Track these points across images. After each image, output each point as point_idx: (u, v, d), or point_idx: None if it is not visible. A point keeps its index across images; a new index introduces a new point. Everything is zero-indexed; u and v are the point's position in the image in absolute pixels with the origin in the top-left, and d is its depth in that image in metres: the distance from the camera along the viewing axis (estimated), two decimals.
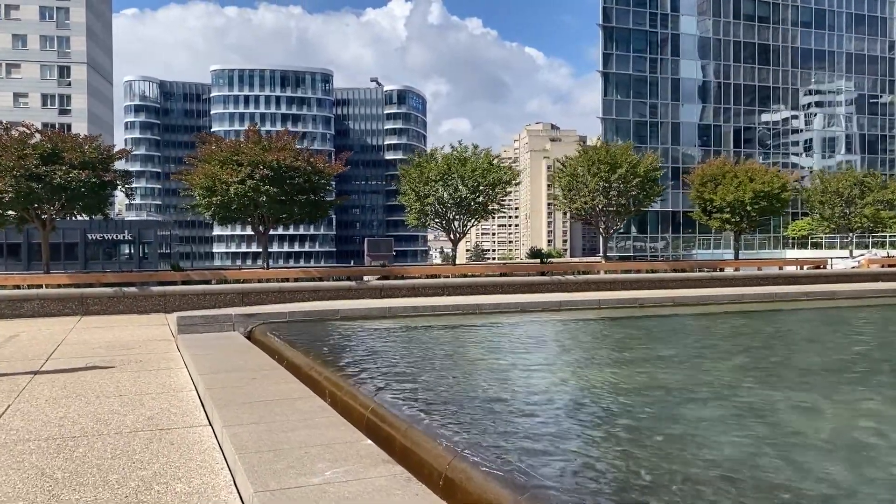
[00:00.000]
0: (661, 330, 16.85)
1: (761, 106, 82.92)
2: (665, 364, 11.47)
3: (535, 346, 14.05)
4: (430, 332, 15.95)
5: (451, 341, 15.06)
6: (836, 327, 18.05)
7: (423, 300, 22.31)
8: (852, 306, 22.11)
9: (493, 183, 27.81)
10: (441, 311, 18.75)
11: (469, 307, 19.03)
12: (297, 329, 16.40)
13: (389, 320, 17.65)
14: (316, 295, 25.56)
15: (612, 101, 75.89)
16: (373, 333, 15.72)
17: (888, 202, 39.31)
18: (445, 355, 12.83)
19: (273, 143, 26.01)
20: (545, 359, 12.34)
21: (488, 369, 11.13)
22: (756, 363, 11.74)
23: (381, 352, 13.29)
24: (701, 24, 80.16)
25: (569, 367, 11.48)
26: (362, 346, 14.19)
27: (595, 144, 31.21)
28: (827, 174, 42.37)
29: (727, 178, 32.84)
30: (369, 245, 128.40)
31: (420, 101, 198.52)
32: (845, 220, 40.13)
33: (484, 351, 13.50)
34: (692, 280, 29.85)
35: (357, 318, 17.81)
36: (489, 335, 15.84)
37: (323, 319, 17.64)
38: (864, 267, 34.61)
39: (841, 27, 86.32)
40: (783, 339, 15.18)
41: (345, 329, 16.12)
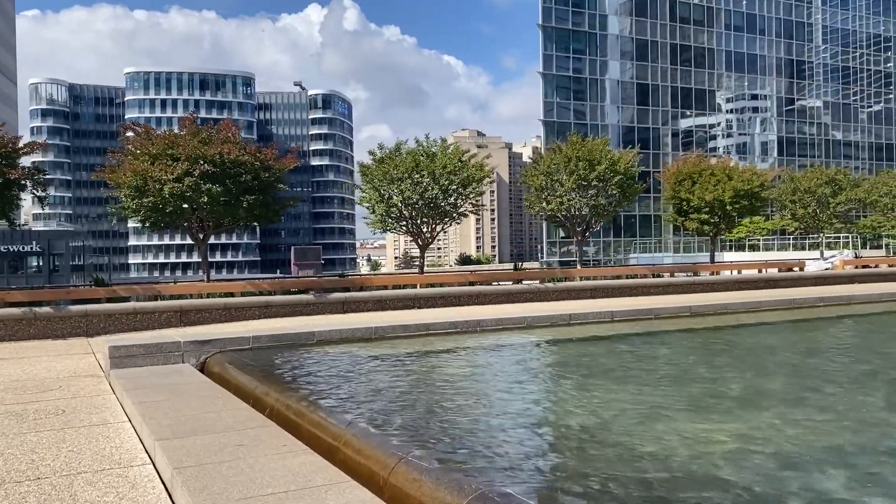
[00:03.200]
0: (731, 348, 14.00)
1: (687, 108, 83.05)
2: (823, 405, 8.62)
3: (620, 388, 10.18)
4: (451, 363, 12.72)
5: (495, 381, 11.82)
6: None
7: (403, 315, 19.10)
8: (889, 311, 20.16)
9: (465, 182, 24.83)
10: (437, 329, 15.58)
11: (469, 324, 15.93)
12: (266, 359, 12.96)
13: (379, 344, 14.37)
14: (268, 311, 22.04)
15: (552, 102, 74.20)
16: (372, 366, 12.43)
17: (860, 201, 38.51)
18: (528, 418, 8.66)
19: (215, 134, 22.28)
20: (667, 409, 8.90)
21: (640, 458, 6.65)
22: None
23: (407, 397, 10.02)
24: (639, 25, 79.61)
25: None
26: (371, 385, 10.88)
27: (572, 139, 28.60)
28: (797, 172, 41.35)
29: (704, 176, 30.88)
30: (296, 253, 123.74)
31: (346, 106, 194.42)
32: (815, 219, 39.10)
33: (581, 408, 9.00)
34: (676, 286, 27.64)
35: (338, 342, 14.45)
36: (540, 367, 12.66)
37: (295, 345, 14.21)
38: (840, 268, 33.36)
39: (771, 32, 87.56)
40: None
41: (331, 359, 12.77)
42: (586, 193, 27.14)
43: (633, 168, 28.40)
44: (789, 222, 43.10)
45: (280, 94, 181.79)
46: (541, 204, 28.52)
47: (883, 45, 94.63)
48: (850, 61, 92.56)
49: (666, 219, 34.79)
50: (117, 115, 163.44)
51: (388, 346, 14.18)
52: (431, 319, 16.19)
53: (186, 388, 10.75)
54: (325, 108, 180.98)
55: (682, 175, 31.64)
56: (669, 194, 31.91)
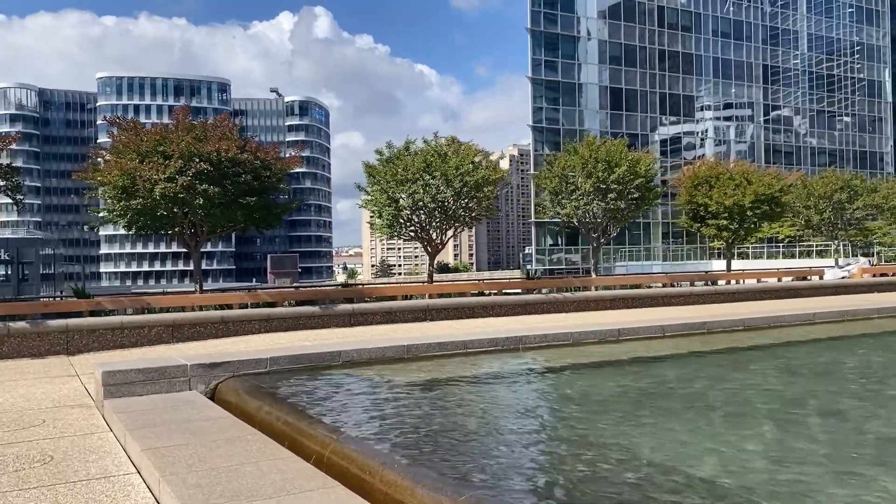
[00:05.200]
0: (828, 371, 12.17)
1: (674, 115, 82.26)
2: None
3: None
4: (521, 395, 10.77)
5: (601, 422, 9.93)
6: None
7: (427, 330, 17.20)
8: None
9: (479, 184, 22.98)
10: (475, 347, 13.67)
11: (510, 341, 14.06)
12: (290, 386, 10.98)
13: (417, 366, 12.43)
14: (269, 325, 20.03)
15: (541, 107, 72.78)
16: (426, 396, 10.48)
17: (877, 207, 37.30)
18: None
19: (210, 130, 20.20)
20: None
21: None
22: None
23: (518, 450, 8.07)
24: (627, 30, 78.66)
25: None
26: (448, 420, 8.91)
27: (589, 140, 26.95)
28: (809, 178, 40.09)
29: (721, 179, 29.36)
30: (272, 262, 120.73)
31: (323, 112, 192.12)
32: (831, 226, 37.79)
33: (713, 453, 7.17)
34: (697, 295, 26.03)
35: (369, 363, 12.49)
36: (624, 398, 10.80)
37: (319, 367, 12.22)
38: (857, 276, 32.07)
39: (756, 39, 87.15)
40: None
41: (369, 387, 10.82)
42: (605, 197, 25.45)
43: (652, 171, 26.81)
44: (798, 229, 41.90)
45: (256, 100, 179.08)
46: (555, 208, 26.78)
47: (865, 54, 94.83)
48: (834, 69, 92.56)
49: (681, 224, 33.22)
50: (89, 120, 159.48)
51: (428, 368, 12.26)
52: (468, 335, 14.30)
53: (205, 425, 8.74)
54: (301, 115, 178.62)
55: (698, 179, 30.11)
56: (685, 199, 30.34)
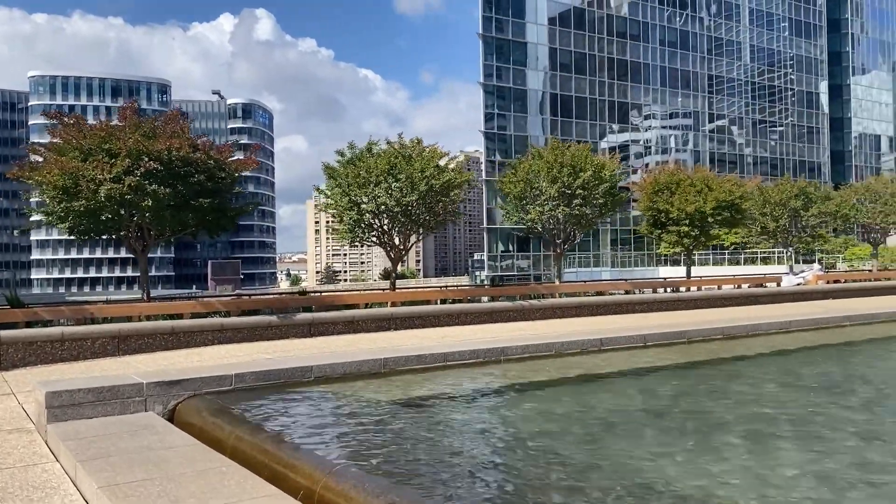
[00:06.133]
0: (840, 385, 11.61)
1: (623, 122, 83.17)
2: None
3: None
4: (529, 415, 9.90)
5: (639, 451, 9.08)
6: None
7: (393, 340, 16.22)
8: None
9: (446, 187, 22.15)
10: (455, 360, 12.80)
11: (492, 353, 13.23)
12: (260, 406, 9.95)
13: (400, 381, 11.48)
14: (223, 336, 18.78)
15: (493, 113, 72.51)
16: (413, 416, 9.54)
17: (832, 214, 37.88)
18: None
19: (160, 126, 18.85)
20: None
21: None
22: None
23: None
24: (577, 38, 79.13)
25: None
26: (436, 450, 7.99)
27: (554, 144, 26.41)
28: (765, 185, 40.52)
29: (682, 186, 29.21)
30: (214, 268, 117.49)
31: (267, 116, 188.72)
32: (786, 233, 38.21)
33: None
34: (660, 302, 25.76)
35: (344, 379, 11.49)
36: (632, 417, 10.02)
37: (289, 384, 11.16)
38: (813, 283, 32.38)
39: (702, 49, 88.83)
40: None
41: (351, 406, 9.83)
42: (570, 202, 24.91)
43: (617, 176, 26.43)
44: (743, 237, 42.36)
45: (197, 102, 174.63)
46: (519, 213, 26.13)
47: (804, 66, 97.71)
48: (775, 80, 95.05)
49: (640, 231, 33.03)
50: (20, 120, 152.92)
51: (409, 384, 11.33)
52: (448, 347, 13.42)
53: (169, 455, 7.64)
54: (244, 118, 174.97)
55: (659, 185, 29.91)
56: (645, 205, 30.10)
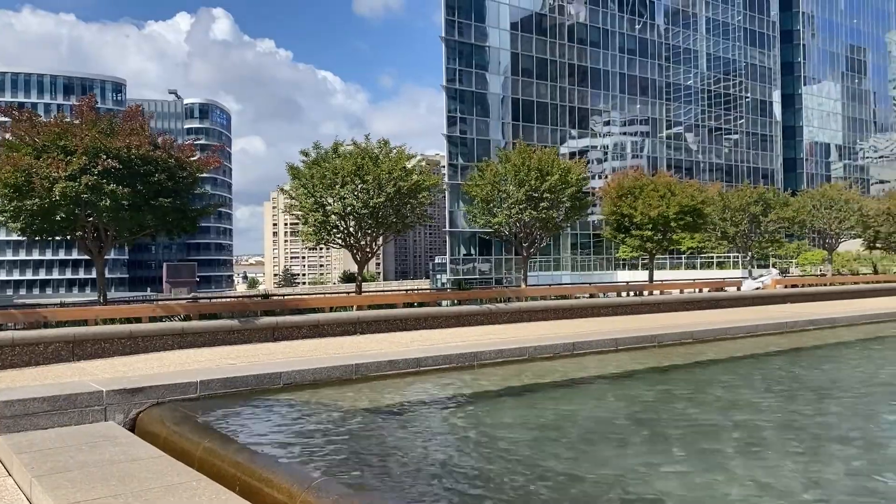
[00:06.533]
0: (827, 390, 11.57)
1: (583, 128, 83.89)
2: None
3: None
4: (507, 423, 9.62)
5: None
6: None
7: (356, 344, 15.82)
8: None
9: (413, 190, 21.85)
10: (429, 364, 12.52)
11: (465, 357, 12.97)
12: (228, 415, 9.52)
13: (372, 388, 11.15)
14: (183, 340, 18.19)
15: (455, 117, 72.40)
16: (390, 424, 9.20)
17: (790, 219, 38.54)
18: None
19: (119, 123, 18.19)
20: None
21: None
22: None
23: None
24: (539, 43, 79.55)
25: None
26: (419, 459, 7.68)
27: (521, 147, 26.32)
28: (725, 191, 41.06)
29: (646, 191, 29.39)
30: (169, 271, 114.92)
31: (225, 116, 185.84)
32: (745, 238, 38.79)
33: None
34: (625, 306, 25.80)
35: (315, 386, 11.11)
36: (620, 429, 9.82)
37: (257, 391, 10.74)
38: (772, 287, 32.90)
39: (660, 57, 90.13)
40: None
41: (324, 414, 9.44)
42: (538, 206, 24.84)
43: (583, 180, 26.46)
44: (699, 242, 42.93)
45: (153, 101, 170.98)
46: (486, 216, 25.97)
47: (758, 75, 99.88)
48: (730, 88, 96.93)
49: (604, 235, 33.15)
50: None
51: (383, 390, 11.00)
52: (420, 352, 13.12)
53: (134, 468, 7.22)
54: (202, 118, 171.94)
55: (623, 190, 30.06)
56: (609, 209, 30.22)
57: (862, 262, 59.08)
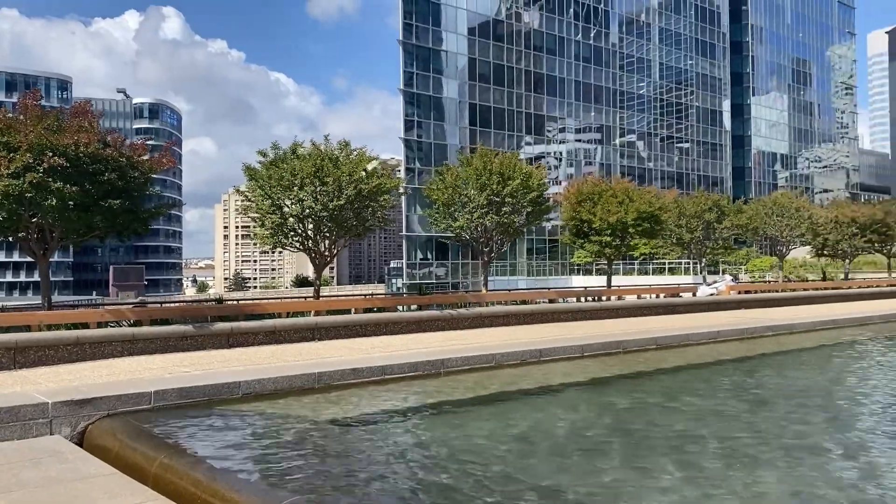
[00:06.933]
0: (800, 396, 11.51)
1: (539, 134, 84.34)
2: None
3: None
4: (484, 435, 9.26)
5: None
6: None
7: (315, 351, 15.32)
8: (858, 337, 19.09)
9: (374, 192, 21.40)
10: (395, 372, 12.12)
11: (432, 365, 12.62)
12: (185, 427, 8.98)
13: (337, 398, 10.69)
14: (134, 347, 17.42)
15: (412, 121, 72.03)
16: (357, 437, 8.78)
17: (743, 227, 39.20)
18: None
19: (67, 120, 17.35)
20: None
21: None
22: None
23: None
24: (496, 49, 79.76)
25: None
26: (390, 479, 7.27)
27: (482, 150, 26.09)
28: (680, 197, 41.54)
29: (605, 196, 29.49)
30: (116, 274, 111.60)
31: (175, 116, 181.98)
32: (700, 244, 39.34)
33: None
34: (584, 311, 25.77)
35: (275, 395, 10.62)
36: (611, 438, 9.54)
37: (215, 402, 10.21)
38: (726, 293, 33.33)
39: (615, 65, 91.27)
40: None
41: (288, 427, 8.96)
42: (499, 210, 24.63)
43: (544, 185, 26.36)
44: (662, 246, 43.39)
45: (101, 100, 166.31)
46: (446, 221, 25.64)
47: (708, 85, 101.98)
48: (682, 97, 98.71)
49: (562, 240, 33.15)
50: None
51: (349, 401, 10.56)
52: (384, 360, 12.71)
53: (83, 488, 6.70)
54: (151, 118, 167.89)
55: (582, 195, 30.10)
56: (569, 215, 30.22)
57: (808, 269, 60.64)
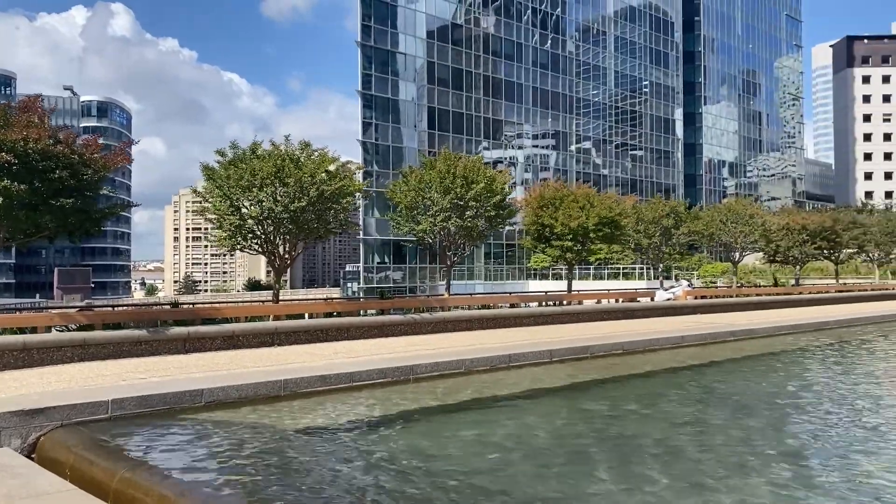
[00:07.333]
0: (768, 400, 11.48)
1: (497, 139, 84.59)
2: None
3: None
4: (462, 447, 8.96)
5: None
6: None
7: (276, 357, 14.85)
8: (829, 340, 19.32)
9: (337, 194, 20.97)
10: (363, 379, 11.77)
11: (401, 371, 12.28)
12: (145, 439, 8.51)
13: (304, 406, 10.29)
14: (85, 352, 16.74)
15: (370, 123, 71.46)
16: (331, 454, 8.42)
17: (699, 233, 39.74)
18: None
19: (15, 115, 16.54)
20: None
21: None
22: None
23: None
24: (455, 53, 79.73)
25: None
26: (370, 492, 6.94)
27: (446, 153, 25.85)
28: (639, 203, 41.95)
29: (566, 202, 29.56)
30: (61, 276, 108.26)
31: (125, 115, 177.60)
32: (657, 251, 39.78)
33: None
34: (546, 316, 25.74)
35: (240, 403, 10.17)
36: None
37: (176, 410, 9.72)
38: (683, 298, 33.71)
39: (571, 73, 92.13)
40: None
41: (258, 438, 8.54)
42: (463, 214, 24.43)
43: (506, 189, 26.27)
44: (615, 252, 43.80)
45: (47, 97, 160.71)
46: (409, 224, 25.33)
47: (662, 94, 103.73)
48: (636, 105, 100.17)
49: (523, 244, 33.15)
50: None
51: (317, 410, 10.17)
52: (352, 366, 12.34)
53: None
54: (100, 117, 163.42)
55: (544, 200, 30.11)
56: (531, 220, 30.21)
57: (757, 275, 61.99)
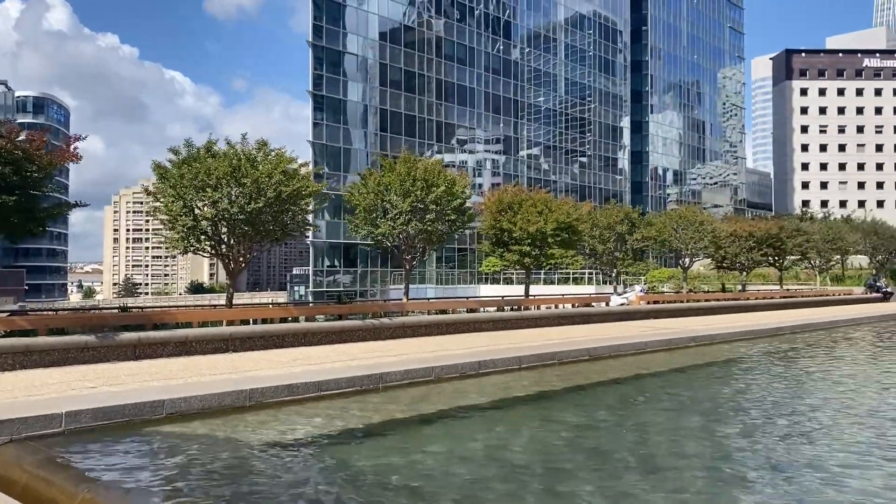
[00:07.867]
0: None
1: (450, 143, 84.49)
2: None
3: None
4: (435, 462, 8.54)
5: None
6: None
7: (232, 364, 14.20)
8: (801, 343, 19.49)
9: (294, 195, 20.34)
10: (332, 388, 11.25)
11: (371, 379, 11.81)
12: (103, 454, 7.88)
13: (270, 417, 9.73)
14: (28, 359, 15.86)
15: (321, 124, 70.38)
16: (302, 470, 7.92)
17: (653, 238, 40.13)
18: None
19: None
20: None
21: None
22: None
23: None
24: (407, 56, 79.33)
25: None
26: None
27: (406, 156, 25.39)
28: (596, 209, 42.14)
29: (525, 206, 29.46)
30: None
31: (63, 112, 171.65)
32: (610, 256, 40.07)
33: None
34: (505, 321, 25.57)
35: (203, 415, 9.56)
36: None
37: (136, 423, 9.07)
38: (637, 303, 33.98)
39: (522, 79, 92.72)
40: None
41: (224, 453, 7.98)
42: (423, 217, 24.02)
43: (467, 192, 25.98)
44: (568, 257, 43.99)
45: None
46: (368, 227, 24.79)
47: (610, 102, 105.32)
48: (585, 112, 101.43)
49: (481, 249, 32.93)
50: None
51: (283, 420, 9.63)
52: (320, 375, 11.81)
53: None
54: (36, 113, 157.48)
55: (502, 205, 29.94)
56: (489, 224, 29.99)
57: (703, 281, 63.25)
